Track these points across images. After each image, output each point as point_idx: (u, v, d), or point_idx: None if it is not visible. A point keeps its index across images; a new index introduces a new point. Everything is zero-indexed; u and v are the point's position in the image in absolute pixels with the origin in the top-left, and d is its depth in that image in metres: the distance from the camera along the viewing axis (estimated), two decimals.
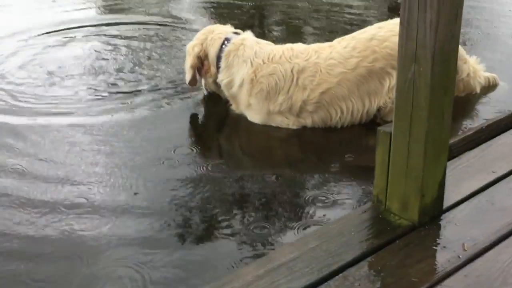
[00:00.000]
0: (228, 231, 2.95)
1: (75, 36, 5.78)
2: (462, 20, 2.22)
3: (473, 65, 4.34)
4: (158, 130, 3.97)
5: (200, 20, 6.24)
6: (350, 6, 6.68)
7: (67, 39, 5.72)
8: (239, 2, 6.85)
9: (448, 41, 2.17)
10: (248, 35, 4.24)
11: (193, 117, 4.19)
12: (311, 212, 3.09)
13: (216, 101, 4.35)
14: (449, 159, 2.66)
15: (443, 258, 2.24)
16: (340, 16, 6.34)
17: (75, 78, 4.78)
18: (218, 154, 3.79)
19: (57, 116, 4.13)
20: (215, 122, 4.25)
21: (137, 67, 4.96)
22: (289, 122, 3.97)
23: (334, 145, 3.86)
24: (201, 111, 4.28)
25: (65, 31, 5.94)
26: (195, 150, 3.73)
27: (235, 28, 4.38)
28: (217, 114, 4.29)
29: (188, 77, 4.25)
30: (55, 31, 5.91)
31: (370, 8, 6.71)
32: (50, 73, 4.86)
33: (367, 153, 2.92)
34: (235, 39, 4.15)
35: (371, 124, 3.89)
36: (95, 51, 5.37)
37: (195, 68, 4.24)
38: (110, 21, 6.24)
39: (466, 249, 2.29)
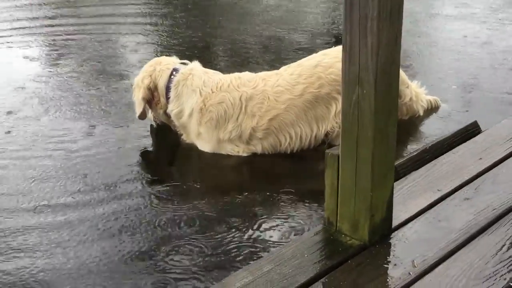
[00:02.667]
0: (180, 257, 2.96)
1: None
2: (403, 46, 2.31)
3: (415, 89, 4.48)
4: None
5: None
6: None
7: None
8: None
9: (389, 64, 2.25)
10: (195, 65, 4.28)
11: (143, 151, 4.16)
12: (263, 236, 3.11)
13: (165, 132, 4.36)
14: (396, 180, 2.74)
15: (395, 276, 2.29)
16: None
17: None
18: (169, 184, 3.76)
19: None
20: (165, 153, 4.25)
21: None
22: (239, 150, 4.01)
23: (284, 171, 3.90)
24: (149, 143, 4.27)
25: None
26: (145, 180, 3.73)
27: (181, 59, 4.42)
28: (167, 145, 4.30)
29: (138, 110, 4.23)
30: None
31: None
32: None
33: (317, 177, 2.97)
34: (184, 69, 4.18)
35: (319, 148, 3.96)
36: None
37: (146, 100, 4.23)
38: None
39: (416, 265, 2.35)
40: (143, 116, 4.27)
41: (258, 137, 3.98)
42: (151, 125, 4.42)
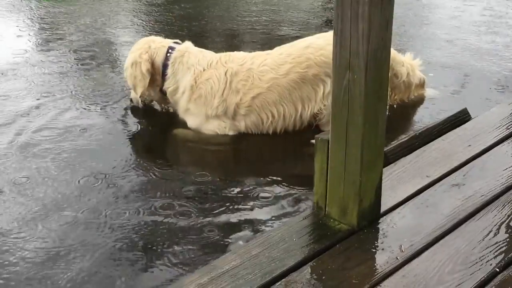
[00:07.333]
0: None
1: None
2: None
3: (409, 62, 4.48)
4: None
5: None
6: None
7: None
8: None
9: (380, 49, 2.24)
10: (189, 44, 4.28)
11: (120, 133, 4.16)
12: (252, 220, 3.12)
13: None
14: (385, 165, 2.75)
15: (382, 260, 2.31)
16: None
17: None
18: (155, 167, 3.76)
19: None
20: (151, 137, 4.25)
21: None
22: (226, 126, 4.03)
23: (273, 155, 3.91)
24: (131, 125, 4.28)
25: None
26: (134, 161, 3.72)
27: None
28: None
29: (141, 85, 4.16)
30: None
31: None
32: None
33: (306, 162, 2.97)
34: (180, 47, 4.20)
35: (308, 133, 3.95)
36: None
37: (150, 73, 4.17)
38: None
39: (403, 250, 2.36)
40: (146, 92, 4.24)
41: (241, 114, 4.02)
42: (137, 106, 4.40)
